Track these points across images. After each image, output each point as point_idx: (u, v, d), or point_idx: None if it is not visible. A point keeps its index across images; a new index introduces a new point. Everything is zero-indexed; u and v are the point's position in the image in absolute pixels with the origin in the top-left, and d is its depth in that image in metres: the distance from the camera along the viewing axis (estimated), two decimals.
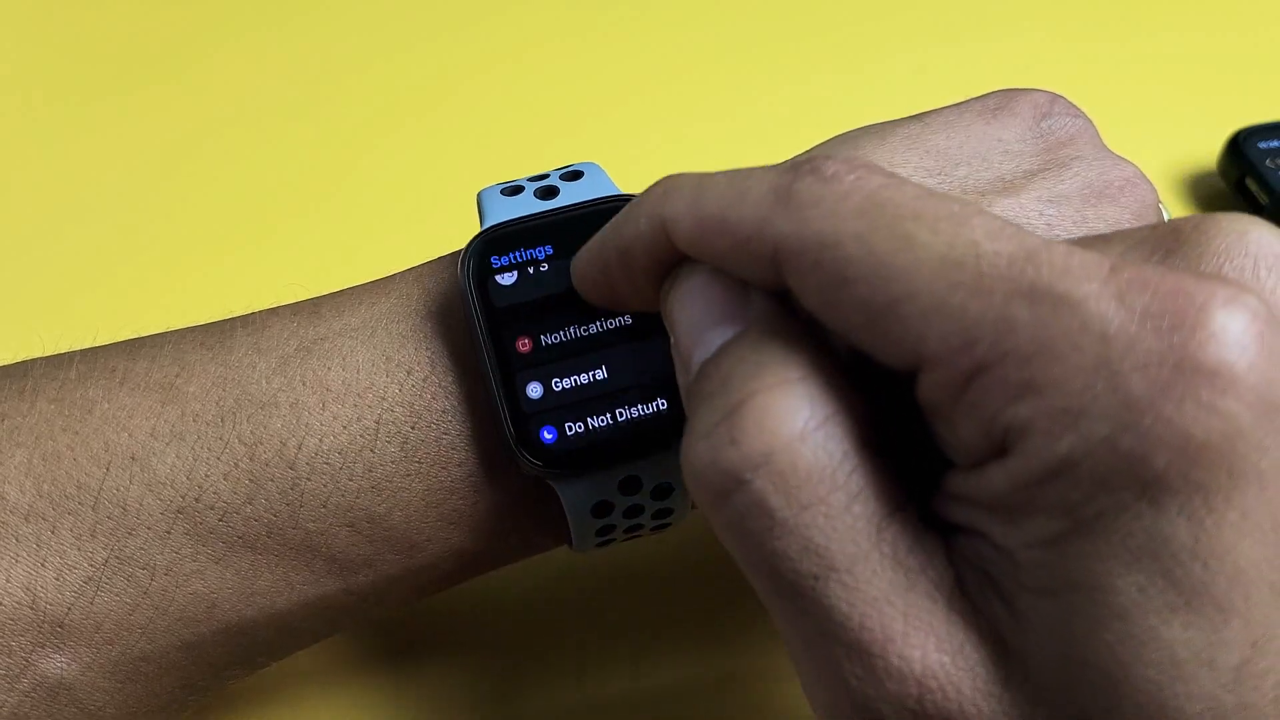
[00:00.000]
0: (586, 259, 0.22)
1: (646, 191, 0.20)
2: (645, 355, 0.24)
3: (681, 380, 0.20)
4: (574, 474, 0.25)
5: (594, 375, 0.24)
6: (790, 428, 0.17)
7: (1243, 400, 0.15)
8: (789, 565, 0.17)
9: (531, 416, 0.24)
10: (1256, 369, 0.15)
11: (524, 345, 0.24)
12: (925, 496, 0.18)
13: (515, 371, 0.24)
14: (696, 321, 0.19)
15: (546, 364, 0.24)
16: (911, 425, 0.18)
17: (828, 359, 0.18)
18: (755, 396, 0.17)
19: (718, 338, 0.19)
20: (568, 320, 0.24)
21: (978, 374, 0.16)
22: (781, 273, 0.18)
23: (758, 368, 0.17)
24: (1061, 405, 0.15)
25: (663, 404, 0.24)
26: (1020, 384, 0.15)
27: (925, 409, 0.17)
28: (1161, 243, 0.17)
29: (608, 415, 0.24)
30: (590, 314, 0.24)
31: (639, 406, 0.24)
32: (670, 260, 0.20)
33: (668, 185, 0.20)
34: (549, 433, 0.24)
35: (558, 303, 0.24)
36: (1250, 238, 0.17)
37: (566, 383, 0.24)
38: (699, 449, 0.17)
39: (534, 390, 0.24)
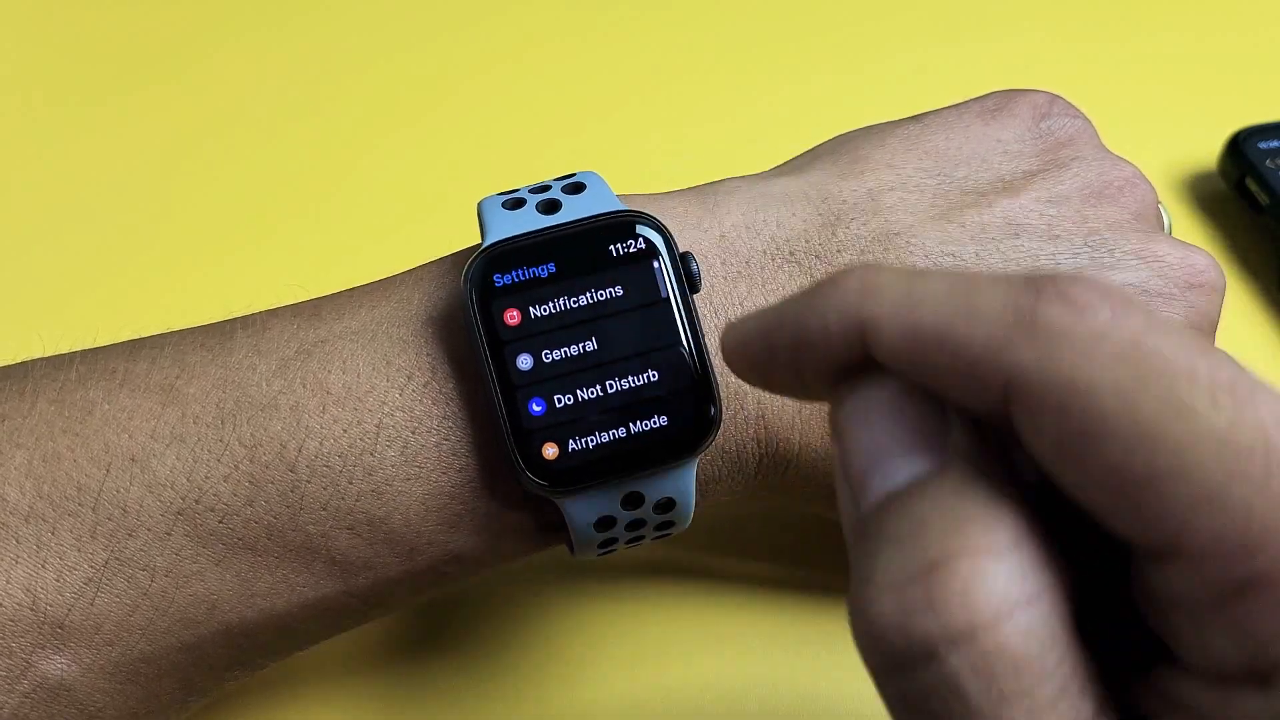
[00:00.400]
0: (745, 338, 0.19)
1: (835, 282, 0.17)
2: (648, 369, 0.24)
3: (846, 503, 0.17)
4: (577, 491, 0.25)
5: (597, 392, 0.24)
6: (999, 603, 0.15)
7: None
8: None
9: (534, 434, 0.24)
10: None
11: (526, 363, 0.24)
12: (1121, 679, 0.16)
13: (518, 390, 0.24)
14: (880, 444, 0.17)
15: (549, 380, 0.24)
16: (1122, 599, 0.16)
17: (1037, 517, 0.16)
18: (960, 559, 0.15)
19: (905, 470, 0.17)
20: (570, 338, 0.24)
21: (1254, 587, 0.14)
22: (1010, 407, 0.15)
23: (963, 523, 0.15)
24: None
25: (664, 420, 0.24)
26: None
27: (1163, 597, 0.15)
28: None
29: (611, 432, 0.24)
30: (594, 330, 0.24)
31: (642, 423, 0.24)
32: (853, 363, 0.17)
33: (866, 281, 0.17)
34: (553, 454, 0.24)
35: (561, 320, 0.24)
36: None
37: (569, 399, 0.24)
38: (884, 603, 0.15)
39: (536, 409, 0.24)
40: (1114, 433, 0.14)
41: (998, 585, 0.15)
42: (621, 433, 0.24)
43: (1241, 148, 0.41)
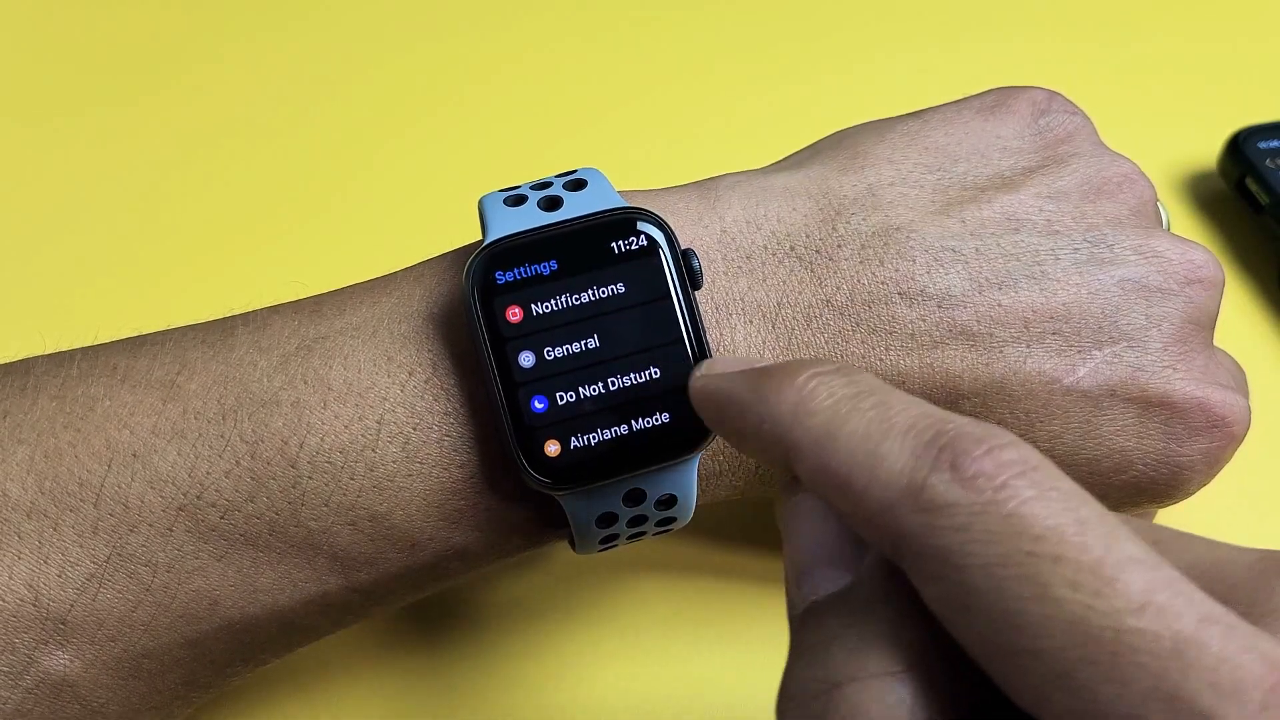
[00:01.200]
0: (702, 400, 0.21)
1: (779, 389, 0.19)
2: (649, 366, 0.24)
3: (789, 590, 0.19)
4: (579, 489, 0.25)
5: (599, 389, 0.24)
6: None
7: None
8: None
9: (536, 431, 0.24)
10: None
11: (528, 360, 0.24)
12: None
13: (519, 387, 0.24)
14: (808, 548, 0.18)
15: (551, 377, 0.24)
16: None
17: (936, 641, 0.16)
18: (854, 684, 0.16)
19: (826, 581, 0.18)
20: (572, 335, 0.24)
21: None
22: (901, 564, 0.16)
23: (861, 646, 0.16)
24: None
25: (666, 417, 0.24)
26: None
27: None
28: None
29: (613, 429, 0.24)
30: (595, 327, 0.24)
31: (643, 419, 0.24)
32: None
33: (801, 404, 0.18)
34: (554, 451, 0.24)
35: (562, 318, 0.24)
36: None
37: (571, 396, 0.24)
38: (789, 715, 0.17)
39: (538, 406, 0.24)
40: (980, 609, 0.15)
41: (883, 709, 0.16)
42: (624, 429, 0.24)
43: (1241, 148, 0.41)
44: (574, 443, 0.24)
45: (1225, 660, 0.14)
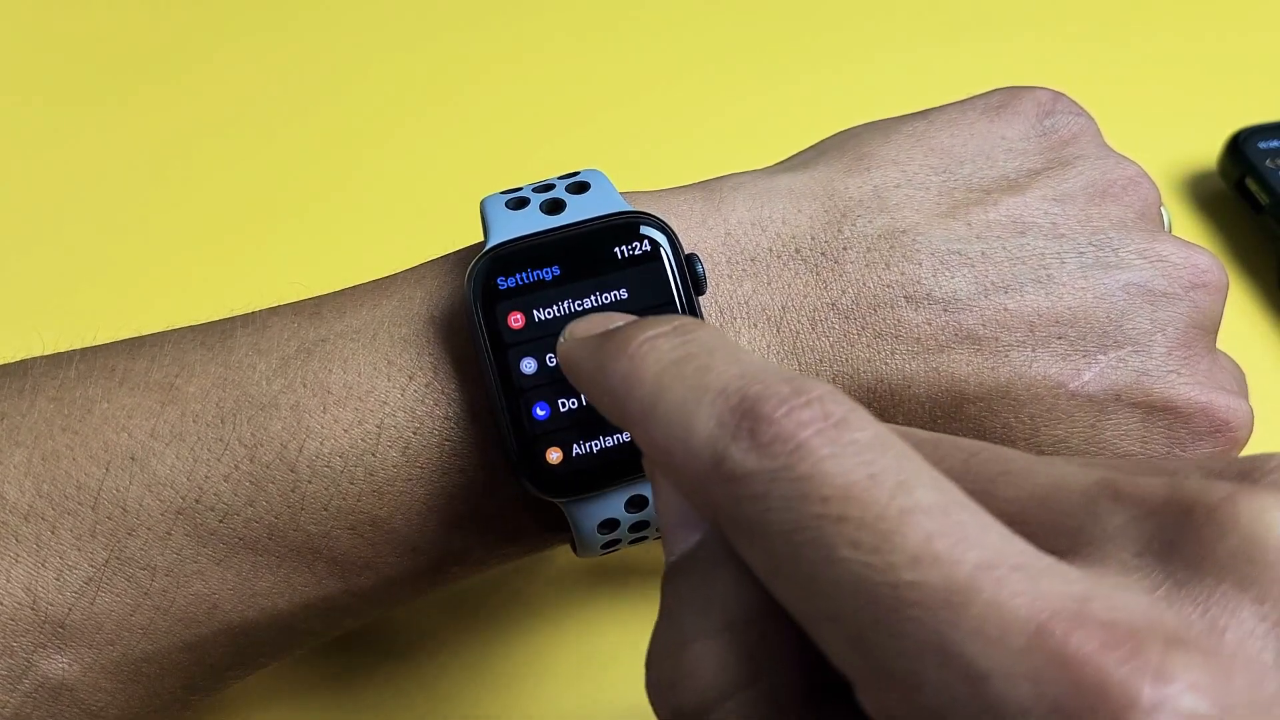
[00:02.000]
0: (566, 362, 0.21)
1: (616, 353, 0.18)
2: None
3: (665, 549, 0.19)
4: (581, 496, 0.24)
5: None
6: (723, 686, 0.16)
7: None
8: None
9: (537, 439, 0.24)
10: None
11: (529, 366, 0.24)
12: None
13: (520, 393, 0.24)
14: (665, 510, 0.18)
15: (552, 384, 0.24)
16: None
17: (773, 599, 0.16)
18: (695, 643, 0.16)
19: (681, 540, 0.18)
20: None
21: (889, 716, 0.14)
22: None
23: (704, 606, 0.17)
24: None
25: None
26: None
27: None
28: (1170, 524, 0.15)
29: (614, 436, 0.24)
30: None
31: None
32: None
33: (631, 371, 0.18)
34: (555, 458, 0.24)
35: (564, 323, 0.24)
36: (1273, 541, 0.14)
37: (573, 403, 0.24)
38: (650, 674, 0.17)
39: (539, 412, 0.24)
40: (784, 576, 0.15)
41: (722, 669, 0.16)
42: (626, 436, 0.24)
43: (1241, 148, 0.41)
44: (576, 450, 0.24)
45: (994, 606, 0.13)
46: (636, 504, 0.25)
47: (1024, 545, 0.14)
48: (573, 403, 0.24)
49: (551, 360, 0.24)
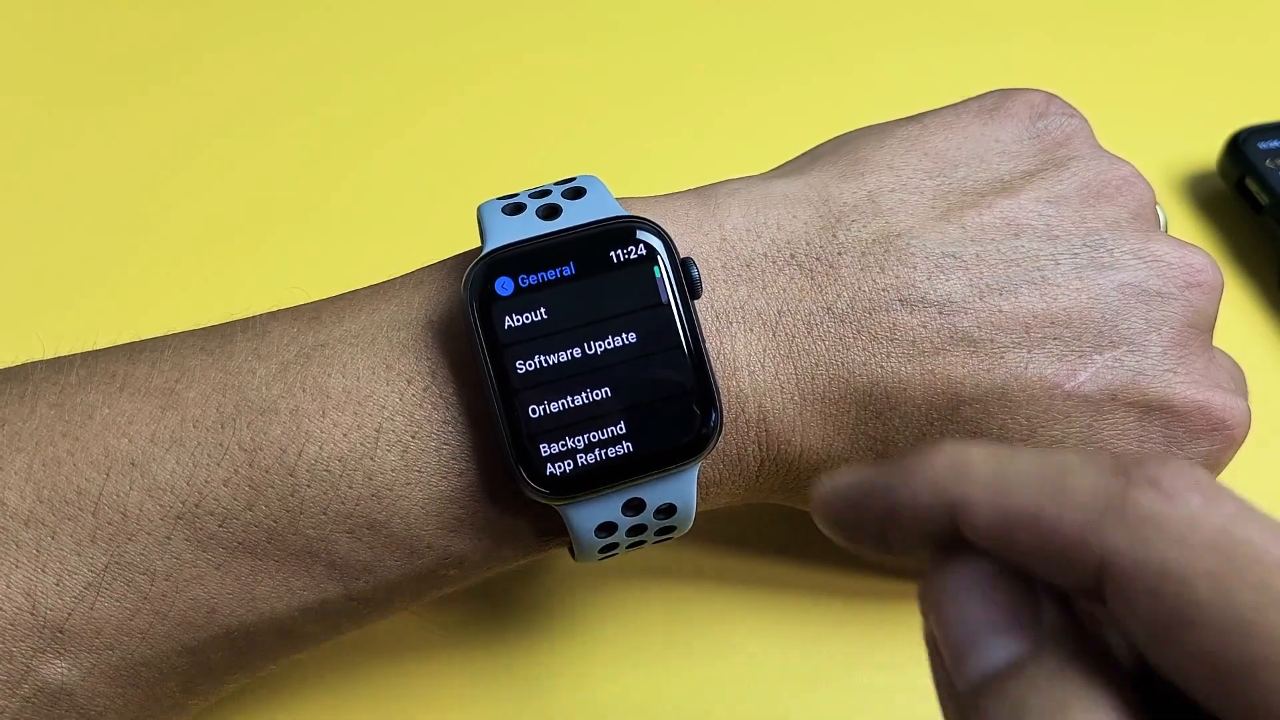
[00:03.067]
0: (833, 502, 0.19)
1: (926, 459, 0.18)
2: (648, 375, 0.24)
3: (940, 677, 0.18)
4: (578, 499, 0.24)
5: (597, 397, 0.24)
6: None
7: None
8: None
9: (534, 442, 0.24)
10: None
11: (526, 368, 0.24)
12: None
13: (517, 395, 0.24)
14: (975, 622, 0.17)
15: (548, 385, 0.24)
16: None
17: (1133, 697, 0.16)
18: None
19: (1001, 650, 0.17)
20: (571, 342, 0.24)
21: None
22: (1103, 589, 0.16)
23: (1061, 708, 0.16)
24: None
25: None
26: None
27: None
28: None
29: (610, 433, 0.24)
30: (594, 336, 0.24)
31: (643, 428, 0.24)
32: (943, 536, 0.18)
33: (957, 460, 0.17)
34: (552, 460, 0.24)
35: (561, 326, 0.24)
36: None
37: (569, 406, 0.24)
38: None
39: (536, 414, 0.24)
40: (1209, 620, 0.15)
41: None
42: (621, 430, 0.24)
43: (1241, 148, 0.41)
44: (572, 450, 0.24)
45: None
46: (633, 507, 0.25)
47: None
48: (569, 406, 0.24)
49: (548, 361, 0.24)
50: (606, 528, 0.25)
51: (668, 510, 0.26)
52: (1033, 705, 0.16)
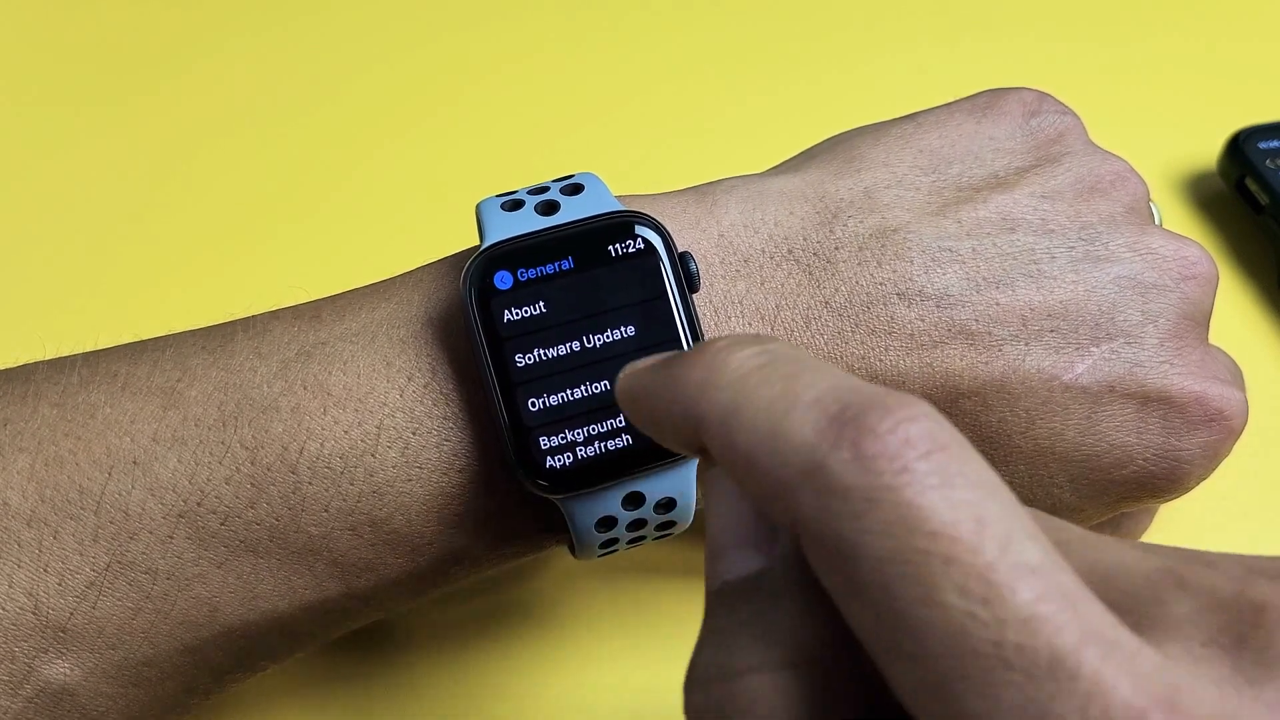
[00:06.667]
0: (624, 395, 0.20)
1: (687, 368, 0.18)
2: None
3: (706, 568, 0.18)
4: (577, 492, 0.25)
5: (596, 390, 0.24)
6: None
7: None
8: None
9: (533, 435, 0.24)
10: None
11: (525, 362, 0.24)
12: None
13: (516, 388, 0.24)
14: (725, 529, 0.18)
15: (548, 379, 0.24)
16: None
17: (841, 635, 0.16)
18: (754, 675, 0.16)
19: (740, 564, 0.17)
20: (570, 335, 0.24)
21: None
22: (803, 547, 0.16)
23: (765, 636, 0.16)
24: None
25: None
26: None
27: None
28: (1240, 620, 0.15)
29: (611, 426, 0.24)
30: (593, 329, 0.24)
31: None
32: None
33: (709, 377, 0.17)
34: (552, 454, 0.24)
35: (560, 319, 0.24)
36: None
37: (569, 399, 0.24)
38: (695, 697, 0.16)
39: (535, 407, 0.24)
40: (868, 604, 0.14)
41: (783, 705, 0.15)
42: (621, 422, 0.24)
43: (1241, 148, 0.41)
44: (572, 443, 0.24)
45: (1097, 684, 0.13)
46: (633, 501, 0.25)
47: (1114, 618, 0.14)
48: (569, 399, 0.24)
49: (547, 355, 0.24)
50: (606, 522, 0.25)
51: (668, 505, 0.26)
52: (745, 625, 0.16)
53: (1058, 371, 0.26)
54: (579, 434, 0.24)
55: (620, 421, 0.24)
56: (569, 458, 0.24)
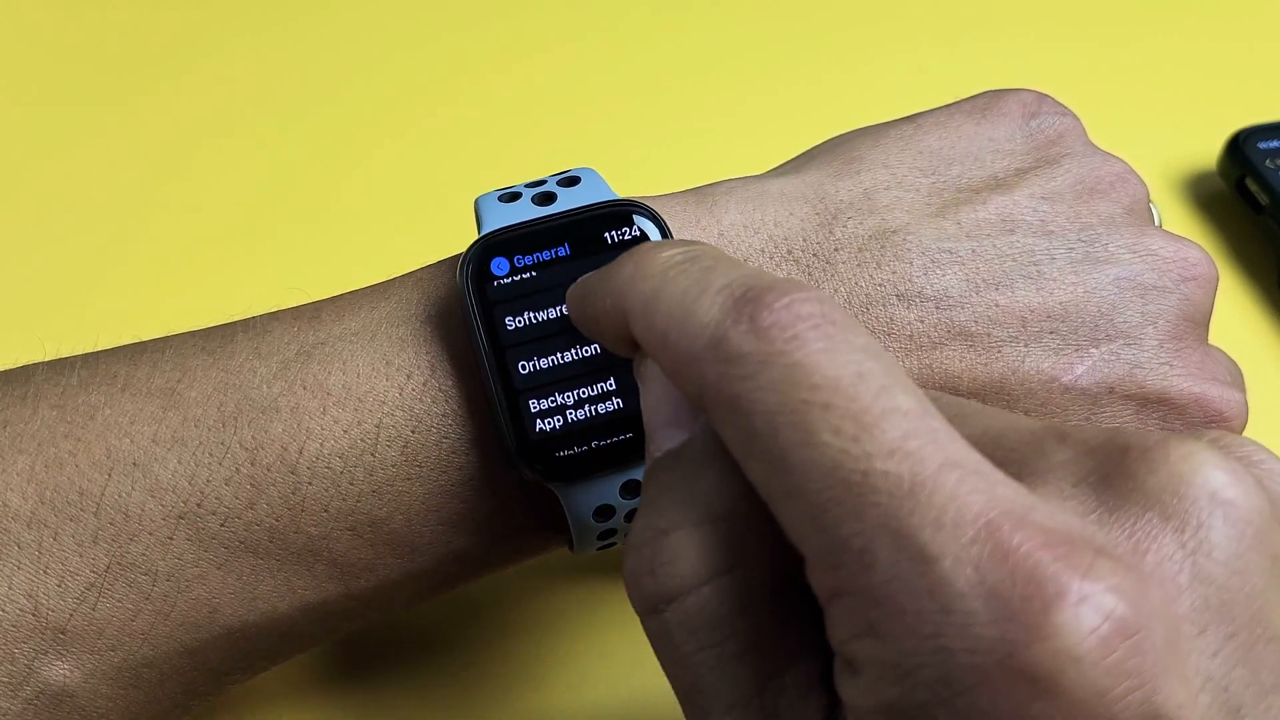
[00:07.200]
0: (571, 302, 0.22)
1: (619, 265, 0.20)
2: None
3: (646, 447, 0.20)
4: (575, 480, 0.25)
5: (593, 379, 0.24)
6: (700, 573, 0.17)
7: (1060, 713, 0.14)
8: (681, 691, 0.18)
9: (523, 399, 0.24)
10: (1085, 682, 0.14)
11: (515, 325, 0.24)
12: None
13: (506, 350, 0.24)
14: (654, 409, 0.20)
15: (539, 342, 0.24)
16: None
17: (754, 494, 0.17)
18: (677, 532, 0.18)
19: (668, 438, 0.19)
20: (560, 300, 0.24)
21: (836, 596, 0.16)
22: (708, 414, 0.18)
23: (687, 498, 0.18)
24: (893, 660, 0.15)
25: None
26: (865, 624, 0.15)
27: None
28: (1107, 461, 0.16)
29: (607, 399, 0.24)
30: None
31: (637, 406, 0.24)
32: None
33: (635, 268, 0.19)
34: (542, 416, 0.24)
35: (558, 307, 0.24)
36: (1197, 481, 0.16)
37: (559, 362, 0.24)
38: (629, 561, 0.18)
39: (525, 370, 0.24)
40: (759, 453, 0.16)
41: (700, 557, 0.17)
42: (617, 399, 0.24)
43: (1241, 148, 0.41)
44: (570, 420, 0.24)
45: (952, 499, 0.15)
46: (631, 489, 0.25)
47: (981, 457, 0.16)
48: (560, 359, 0.24)
49: (537, 318, 0.24)
50: (604, 511, 0.25)
51: None
52: (670, 490, 0.18)
53: (1057, 373, 0.26)
54: (569, 397, 0.24)
55: (611, 385, 0.24)
56: (559, 420, 0.24)
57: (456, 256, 0.27)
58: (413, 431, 0.25)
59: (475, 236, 0.26)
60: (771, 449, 0.16)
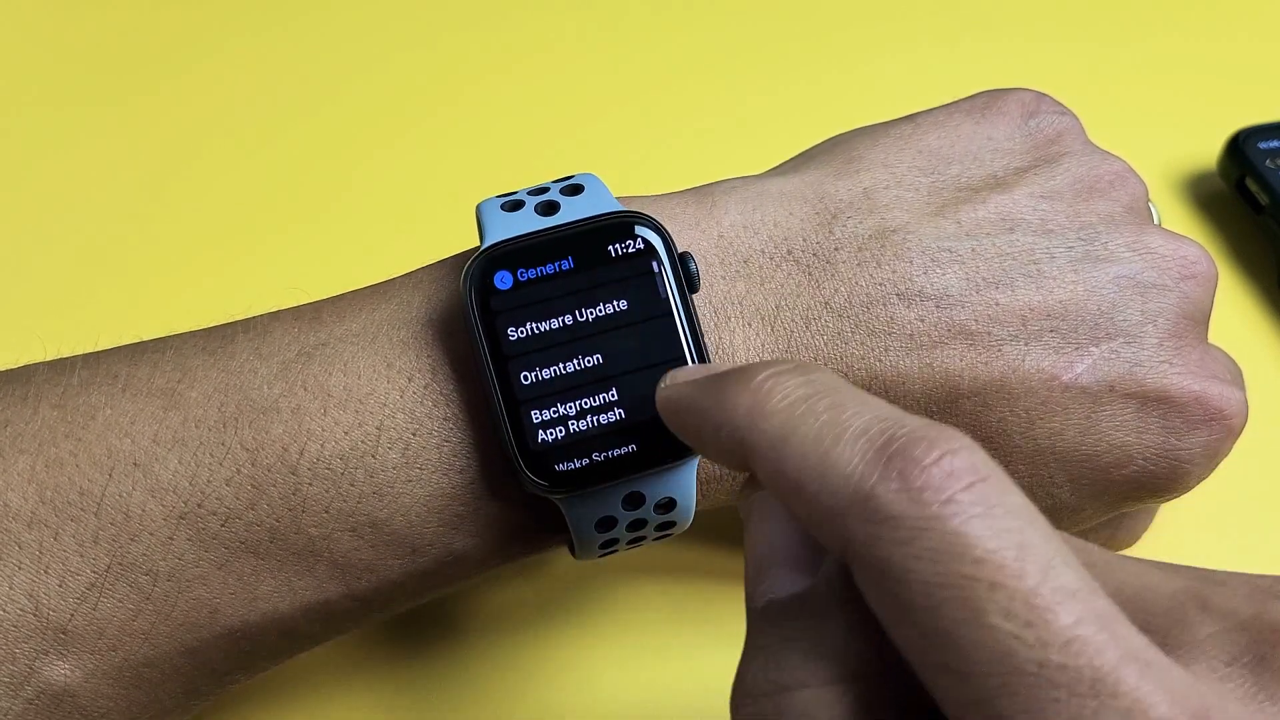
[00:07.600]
0: (666, 408, 0.21)
1: (736, 393, 0.19)
2: (647, 371, 0.24)
3: (747, 585, 0.19)
4: (577, 492, 0.25)
5: (596, 389, 0.24)
6: None
7: None
8: None
9: (525, 409, 0.24)
10: None
11: (517, 335, 0.24)
12: None
13: (517, 390, 0.24)
14: (768, 548, 0.19)
15: (541, 352, 0.24)
16: None
17: (886, 651, 0.16)
18: (805, 690, 0.17)
19: (784, 582, 0.19)
20: (571, 335, 0.24)
21: None
22: (851, 569, 0.17)
23: (813, 652, 0.17)
24: None
25: None
26: None
27: None
28: (1260, 641, 0.16)
29: (608, 409, 0.24)
30: (586, 304, 0.24)
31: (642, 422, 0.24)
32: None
33: (756, 408, 0.18)
34: (544, 428, 0.24)
35: (560, 318, 0.24)
36: None
37: (561, 372, 0.24)
38: (745, 709, 0.17)
39: (528, 380, 0.24)
40: (916, 624, 0.15)
41: (833, 718, 0.16)
42: (624, 432, 0.24)
43: (1241, 148, 0.41)
44: (571, 428, 0.24)
45: (1137, 700, 0.14)
46: (633, 501, 0.25)
47: (1148, 643, 0.15)
48: (562, 370, 0.24)
49: (539, 328, 0.24)
50: (606, 522, 0.25)
51: (668, 505, 0.26)
52: (793, 641, 0.17)
53: (1057, 371, 0.26)
54: (571, 407, 0.24)
55: (613, 395, 0.24)
56: (560, 431, 0.24)
57: (456, 257, 0.27)
58: (414, 434, 0.25)
59: (475, 238, 0.26)
60: (933, 624, 0.15)
